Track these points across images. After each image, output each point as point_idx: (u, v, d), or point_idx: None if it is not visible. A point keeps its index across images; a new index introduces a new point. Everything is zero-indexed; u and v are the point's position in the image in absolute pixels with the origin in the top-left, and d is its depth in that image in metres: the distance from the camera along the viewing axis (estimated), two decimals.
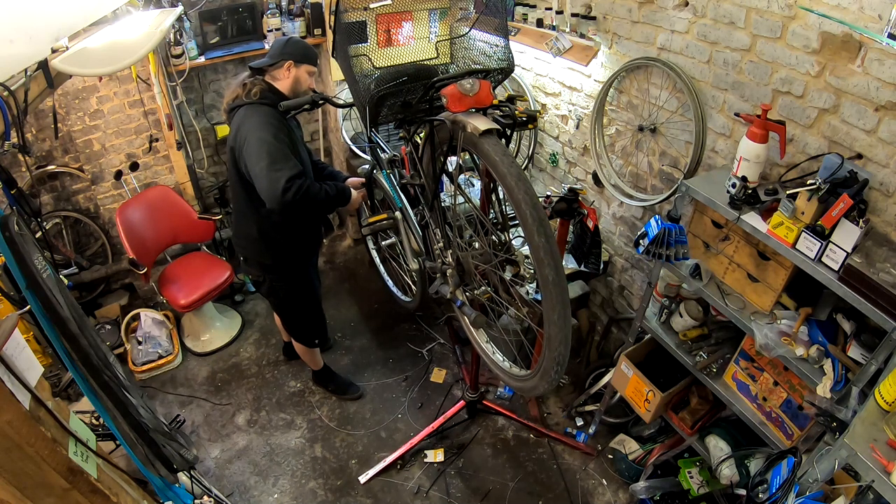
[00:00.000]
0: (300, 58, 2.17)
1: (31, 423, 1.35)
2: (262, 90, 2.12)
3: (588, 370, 2.93)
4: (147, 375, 3.18)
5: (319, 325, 2.80)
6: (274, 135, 2.02)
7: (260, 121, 2.05)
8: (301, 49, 2.18)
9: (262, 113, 2.08)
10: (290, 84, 2.19)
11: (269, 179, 1.97)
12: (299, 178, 1.99)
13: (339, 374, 3.14)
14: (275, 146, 2.00)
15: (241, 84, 2.17)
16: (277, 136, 2.03)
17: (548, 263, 1.26)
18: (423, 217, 1.92)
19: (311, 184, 2.04)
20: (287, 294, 2.56)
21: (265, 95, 2.12)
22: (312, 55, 2.22)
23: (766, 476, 1.66)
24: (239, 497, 2.61)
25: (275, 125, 2.06)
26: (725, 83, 1.98)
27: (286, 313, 2.71)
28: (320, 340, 2.84)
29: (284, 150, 2.02)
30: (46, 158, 3.24)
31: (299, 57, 2.17)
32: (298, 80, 2.20)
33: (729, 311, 1.83)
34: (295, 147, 2.17)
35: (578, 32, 2.50)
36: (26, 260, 1.35)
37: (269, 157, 1.98)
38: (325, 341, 2.80)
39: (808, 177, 1.61)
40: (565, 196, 2.26)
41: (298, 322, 2.73)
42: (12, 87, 1.55)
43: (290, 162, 2.00)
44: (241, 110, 2.12)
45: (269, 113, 2.08)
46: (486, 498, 2.59)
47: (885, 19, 1.43)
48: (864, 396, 1.45)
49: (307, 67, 2.20)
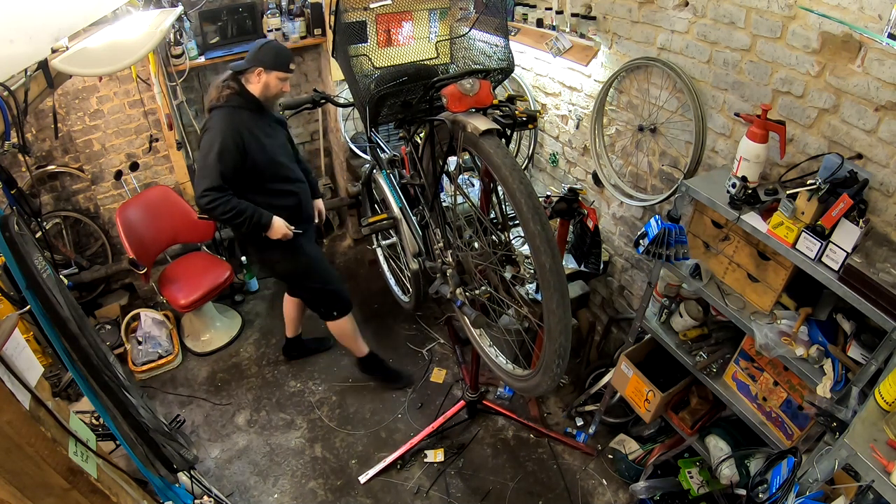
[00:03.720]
0: (270, 64, 2.24)
1: (31, 423, 1.35)
2: (231, 93, 2.24)
3: (588, 370, 2.93)
4: (147, 375, 3.18)
5: (332, 295, 2.79)
6: (221, 145, 2.17)
7: (218, 127, 2.20)
8: (272, 55, 2.24)
9: (224, 119, 2.22)
10: (260, 89, 2.28)
11: (195, 182, 2.23)
12: (219, 191, 2.18)
13: (385, 362, 3.13)
14: (212, 157, 2.17)
15: (216, 86, 2.27)
16: (224, 148, 2.18)
17: (544, 251, 1.27)
18: (423, 217, 1.92)
19: (229, 200, 2.21)
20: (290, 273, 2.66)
21: (231, 98, 2.24)
22: (284, 61, 2.27)
23: (766, 476, 1.66)
24: (239, 497, 2.61)
25: (230, 133, 2.19)
26: (725, 83, 1.98)
27: (298, 291, 2.83)
28: (339, 311, 2.81)
29: (217, 164, 2.17)
30: (46, 158, 3.25)
31: (269, 63, 2.23)
32: (268, 86, 2.28)
33: (729, 311, 1.83)
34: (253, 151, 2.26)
35: (578, 32, 2.50)
36: (26, 260, 1.35)
37: (203, 162, 2.19)
38: (344, 310, 2.82)
39: (808, 177, 1.61)
40: (565, 196, 2.26)
41: (313, 297, 2.80)
42: (12, 87, 1.55)
43: (215, 174, 2.17)
44: (213, 112, 2.26)
45: (232, 118, 2.21)
46: (486, 498, 2.59)
47: (885, 19, 1.42)
48: (864, 396, 1.45)
49: (277, 74, 2.26)
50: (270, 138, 2.37)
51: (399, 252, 2.39)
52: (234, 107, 2.23)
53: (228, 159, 2.20)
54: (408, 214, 2.10)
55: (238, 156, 2.22)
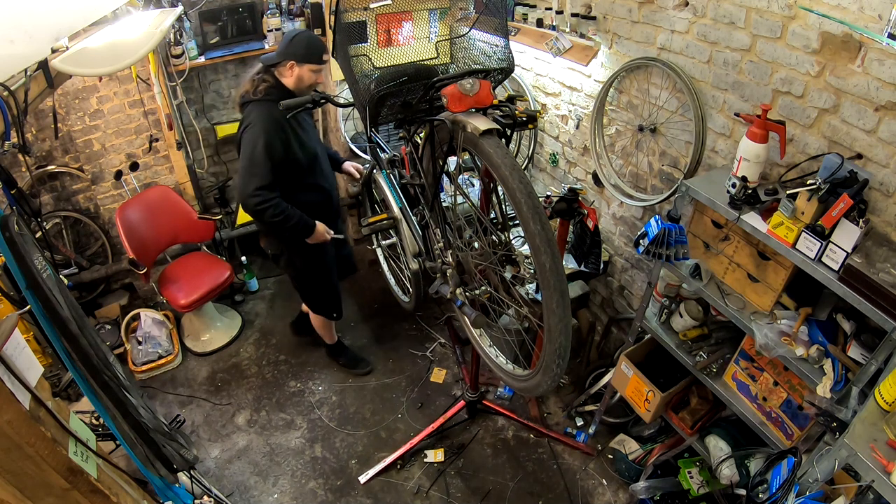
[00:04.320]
0: (301, 57, 2.20)
1: (31, 423, 1.35)
2: (268, 87, 2.20)
3: (588, 370, 2.93)
4: (147, 375, 3.18)
5: (335, 297, 2.90)
6: (266, 139, 2.15)
7: (259, 123, 2.16)
8: (303, 48, 2.20)
9: (263, 113, 2.16)
10: (293, 82, 2.25)
11: (242, 180, 2.18)
12: (270, 190, 2.18)
13: (350, 349, 3.27)
14: (258, 152, 2.15)
15: (250, 79, 2.24)
16: (269, 142, 2.13)
17: (544, 251, 1.27)
18: (423, 217, 1.92)
19: (279, 203, 2.22)
20: (303, 265, 2.66)
21: (270, 92, 2.19)
22: (316, 53, 2.24)
23: (766, 476, 1.66)
24: (239, 497, 2.61)
25: (271, 128, 2.15)
26: (725, 83, 1.98)
27: (304, 285, 2.82)
28: (337, 313, 2.95)
29: (266, 160, 2.15)
30: (46, 158, 3.24)
31: (301, 56, 2.20)
32: (301, 79, 2.25)
33: (729, 311, 1.83)
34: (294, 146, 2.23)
35: (578, 32, 2.50)
36: (26, 260, 1.35)
37: (250, 160, 2.16)
38: (340, 314, 2.98)
39: (808, 177, 1.61)
40: (565, 196, 2.26)
41: (317, 294, 2.84)
42: (12, 87, 1.54)
43: (265, 171, 2.15)
44: (249, 106, 2.22)
45: (271, 113, 2.16)
46: (486, 498, 2.59)
47: (885, 19, 1.42)
48: (864, 396, 1.45)
49: (310, 66, 2.23)
50: (307, 132, 2.39)
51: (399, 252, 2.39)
52: (273, 101, 2.13)
53: (275, 154, 2.17)
54: (408, 214, 2.10)
55: (282, 151, 2.20)
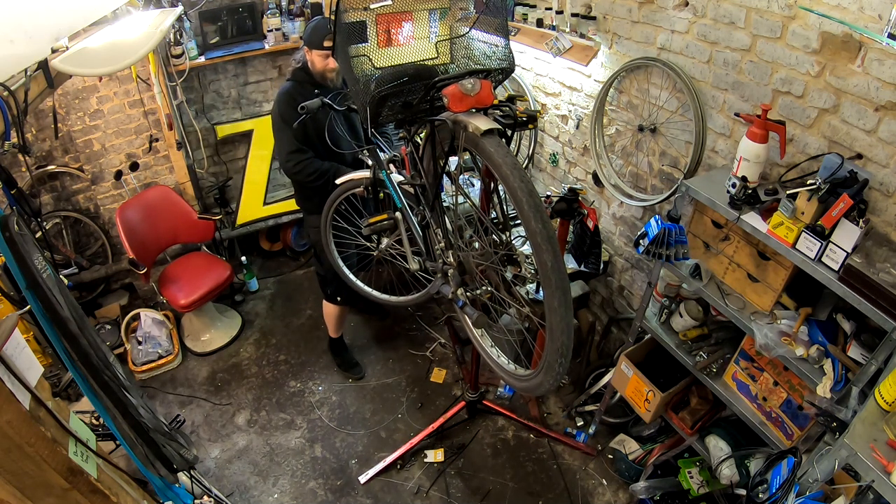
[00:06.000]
0: (310, 44, 2.39)
1: (31, 423, 1.35)
2: (296, 68, 2.47)
3: (588, 370, 2.93)
4: (147, 375, 3.18)
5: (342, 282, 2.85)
6: (279, 112, 2.40)
7: (276, 98, 2.46)
8: (308, 34, 2.40)
9: (281, 90, 2.45)
10: (311, 67, 2.44)
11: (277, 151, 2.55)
12: (300, 153, 2.42)
13: (349, 352, 3.29)
14: (277, 122, 2.42)
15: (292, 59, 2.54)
16: (282, 113, 2.39)
17: (546, 249, 1.27)
18: (424, 217, 1.92)
19: (311, 161, 2.44)
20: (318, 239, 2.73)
21: (295, 73, 2.47)
22: (316, 39, 2.37)
23: (766, 476, 1.66)
24: (239, 497, 2.61)
25: (283, 100, 2.40)
26: (725, 83, 1.99)
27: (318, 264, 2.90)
28: (342, 299, 2.97)
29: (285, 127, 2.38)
30: (46, 158, 3.24)
31: (307, 42, 2.41)
32: (314, 64, 2.42)
33: (729, 311, 1.83)
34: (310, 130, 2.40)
35: (578, 32, 2.50)
36: (26, 260, 1.35)
37: (276, 132, 2.47)
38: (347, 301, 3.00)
39: (808, 177, 1.61)
40: (565, 196, 2.26)
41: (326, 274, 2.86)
42: (12, 87, 1.54)
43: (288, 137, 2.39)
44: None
45: (290, 90, 2.42)
46: (486, 498, 2.59)
47: (885, 19, 1.42)
48: (864, 396, 1.45)
49: (317, 52, 2.38)
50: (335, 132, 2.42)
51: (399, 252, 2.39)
52: (297, 81, 2.43)
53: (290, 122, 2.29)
54: (408, 214, 2.10)
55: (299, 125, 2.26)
